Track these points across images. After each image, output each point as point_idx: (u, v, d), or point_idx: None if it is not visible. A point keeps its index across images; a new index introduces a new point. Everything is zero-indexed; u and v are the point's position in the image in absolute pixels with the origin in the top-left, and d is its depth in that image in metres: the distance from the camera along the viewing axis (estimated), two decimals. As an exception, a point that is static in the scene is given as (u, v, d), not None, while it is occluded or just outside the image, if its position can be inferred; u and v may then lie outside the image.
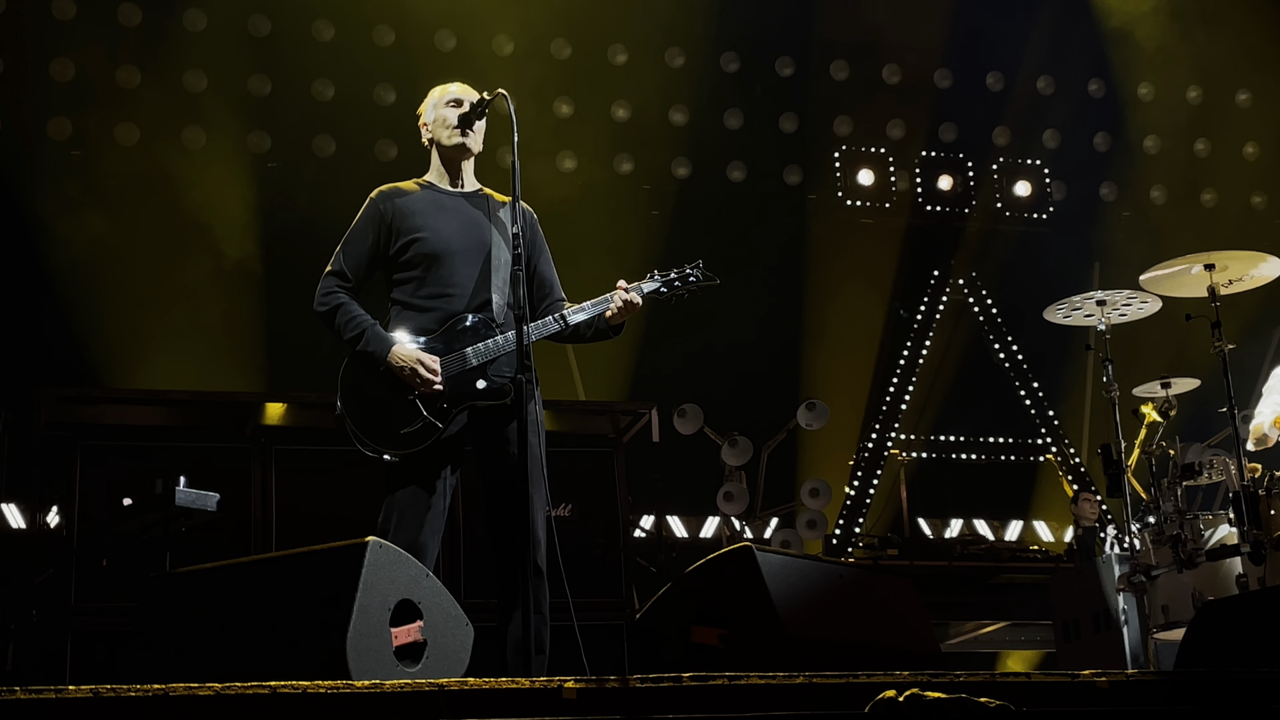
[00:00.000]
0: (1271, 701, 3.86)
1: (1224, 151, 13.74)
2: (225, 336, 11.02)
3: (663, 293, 5.46)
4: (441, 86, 5.54)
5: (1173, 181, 13.80)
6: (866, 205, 13.25)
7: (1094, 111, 13.71)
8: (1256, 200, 13.88)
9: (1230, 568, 7.16)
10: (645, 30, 12.35)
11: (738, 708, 3.40)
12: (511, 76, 11.48)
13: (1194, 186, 13.85)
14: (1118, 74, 13.45)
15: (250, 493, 7.41)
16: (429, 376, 5.09)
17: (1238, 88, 13.56)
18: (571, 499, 7.80)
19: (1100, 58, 13.36)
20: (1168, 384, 8.10)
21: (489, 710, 3.21)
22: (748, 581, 4.66)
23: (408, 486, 5.11)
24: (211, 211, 11.14)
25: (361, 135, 11.75)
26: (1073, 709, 3.64)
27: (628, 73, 12.55)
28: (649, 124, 12.62)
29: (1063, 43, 13.29)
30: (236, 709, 3.04)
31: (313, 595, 4.13)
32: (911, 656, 4.90)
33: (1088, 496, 11.68)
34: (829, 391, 12.14)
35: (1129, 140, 13.71)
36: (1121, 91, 13.55)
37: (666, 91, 12.67)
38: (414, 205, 5.37)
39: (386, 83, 11.75)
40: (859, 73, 13.19)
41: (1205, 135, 13.72)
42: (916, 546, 11.96)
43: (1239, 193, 13.84)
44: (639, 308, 5.37)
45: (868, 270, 13.04)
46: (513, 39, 12.10)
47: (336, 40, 11.76)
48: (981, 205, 13.49)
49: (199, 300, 11.03)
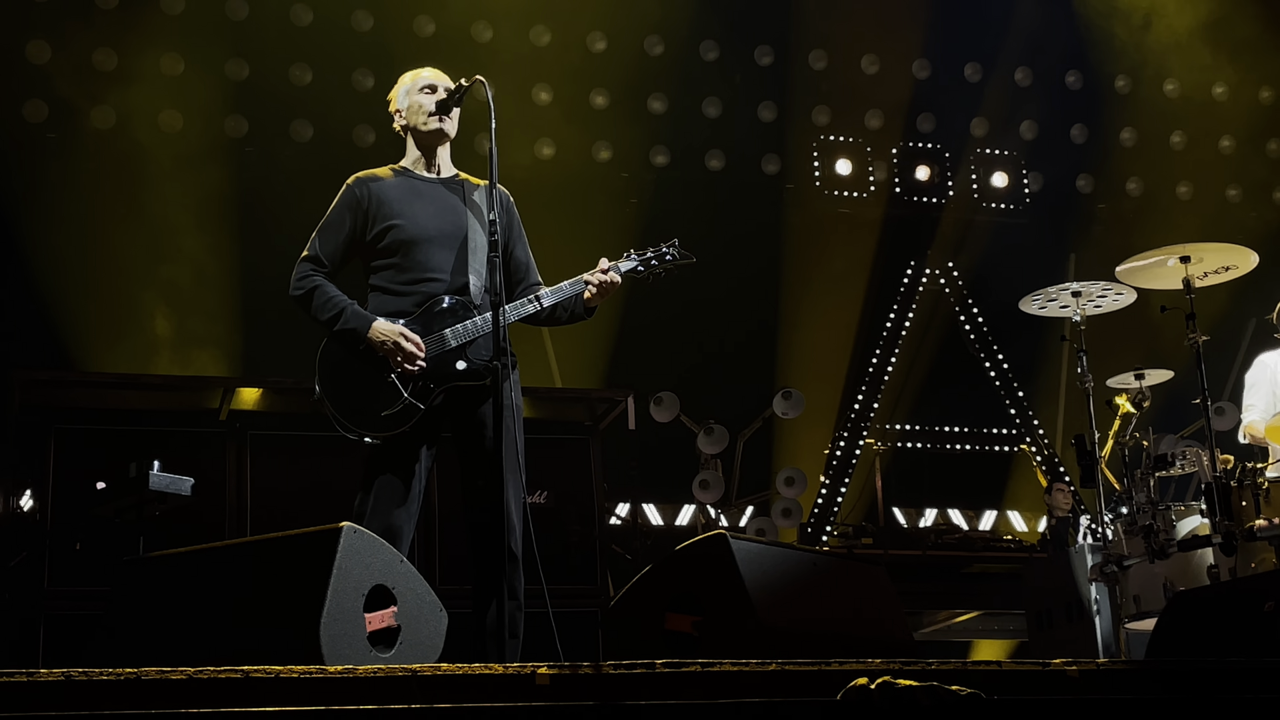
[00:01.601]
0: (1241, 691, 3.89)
1: (1200, 144, 13.79)
2: (201, 320, 10.99)
3: (640, 271, 5.48)
4: (412, 72, 5.53)
5: (1149, 174, 13.85)
6: (844, 195, 13.27)
7: (1071, 103, 13.74)
8: (1232, 193, 13.94)
9: (1202, 558, 7.20)
10: (624, 18, 12.33)
11: (711, 694, 3.40)
12: (490, 63, 11.45)
13: (1170, 179, 13.90)
14: (1095, 66, 13.49)
15: (225, 477, 7.41)
16: (412, 350, 5.08)
17: (1214, 81, 13.60)
18: (547, 486, 7.80)
19: (1078, 50, 13.40)
20: (1142, 375, 8.13)
21: (462, 695, 3.21)
22: (722, 569, 4.67)
23: (384, 470, 5.11)
24: (188, 195, 11.10)
25: (339, 120, 11.72)
26: (1044, 697, 3.65)
27: (607, 60, 12.53)
28: (627, 111, 12.61)
29: (1040, 34, 13.31)
30: (209, 693, 3.04)
31: (286, 580, 4.12)
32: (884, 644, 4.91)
33: (1061, 487, 11.73)
34: (805, 380, 12.16)
35: (1106, 132, 13.75)
36: (1099, 84, 13.59)
37: (645, 79, 12.66)
38: (390, 192, 5.36)
39: (365, 68, 11.72)
40: (837, 62, 13.19)
41: (1181, 128, 13.77)
42: (891, 535, 12.00)
43: (1214, 185, 13.90)
44: (618, 287, 5.39)
45: (845, 259, 13.06)
46: (492, 25, 12.08)
47: (314, 25, 11.71)
48: (958, 196, 13.53)
49: (175, 284, 10.99)
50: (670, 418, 11.40)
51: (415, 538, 5.35)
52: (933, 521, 12.82)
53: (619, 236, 11.68)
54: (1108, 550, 7.57)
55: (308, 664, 3.29)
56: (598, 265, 5.38)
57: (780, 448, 12.37)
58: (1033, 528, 12.82)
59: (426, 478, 5.21)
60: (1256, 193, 13.96)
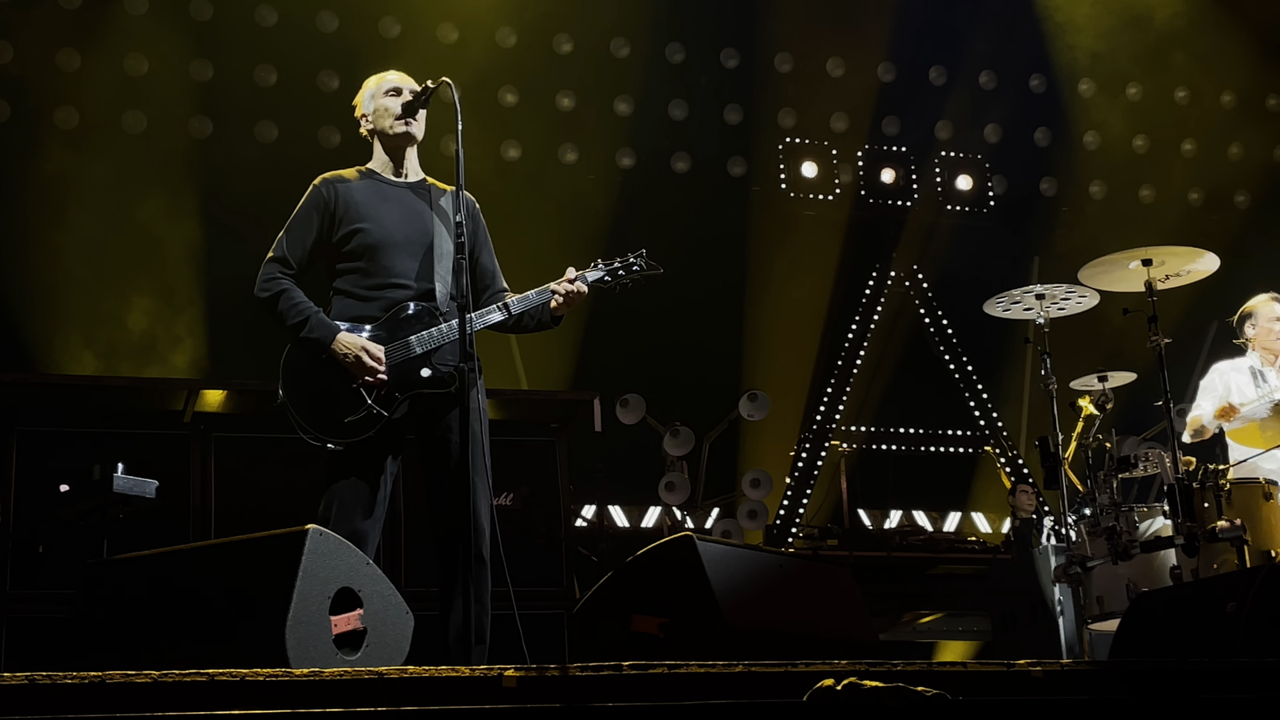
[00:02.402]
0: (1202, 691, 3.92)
1: (1162, 148, 13.89)
2: (165, 322, 10.94)
3: (606, 281, 5.48)
4: (377, 76, 5.53)
5: (1111, 177, 13.94)
6: (809, 197, 13.31)
7: (1035, 107, 13.81)
8: (1194, 196, 14.04)
9: (1164, 559, 7.25)
10: (591, 20, 12.34)
11: (677, 696, 3.41)
12: (456, 64, 11.43)
13: (1133, 182, 13.99)
14: (1058, 70, 13.56)
15: (189, 480, 7.36)
16: (373, 365, 5.07)
17: (1176, 85, 13.70)
18: (513, 488, 7.79)
19: (1041, 53, 13.48)
20: (1104, 378, 8.18)
21: (428, 698, 3.21)
22: (688, 571, 4.68)
23: (349, 475, 5.10)
24: (152, 196, 11.05)
25: (304, 122, 11.68)
26: (1008, 698, 3.67)
27: (573, 62, 12.53)
28: (594, 113, 12.62)
29: (1005, 38, 13.39)
30: (174, 696, 3.03)
31: (252, 583, 4.11)
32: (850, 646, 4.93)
33: (1025, 488, 11.78)
34: (770, 382, 12.19)
35: (1069, 135, 13.83)
36: (1062, 87, 13.67)
37: (611, 81, 12.67)
38: (357, 194, 5.35)
39: (330, 69, 11.69)
40: (803, 65, 13.23)
41: (1144, 131, 13.86)
42: (856, 537, 12.04)
43: (1177, 189, 13.99)
44: (584, 296, 5.39)
45: (810, 262, 13.09)
46: (457, 27, 12.07)
47: (279, 26, 11.68)
48: (923, 198, 13.58)
49: (139, 286, 10.94)
50: (636, 420, 11.41)
51: (381, 540, 5.34)
52: (898, 523, 12.87)
53: (585, 238, 11.72)
54: (1071, 551, 7.61)
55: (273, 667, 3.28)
56: (564, 274, 5.38)
57: (746, 450, 12.40)
58: (997, 529, 12.88)
59: (392, 482, 5.20)
60: (1218, 196, 14.06)
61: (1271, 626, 4.92)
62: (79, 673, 3.02)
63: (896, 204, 13.55)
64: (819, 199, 13.35)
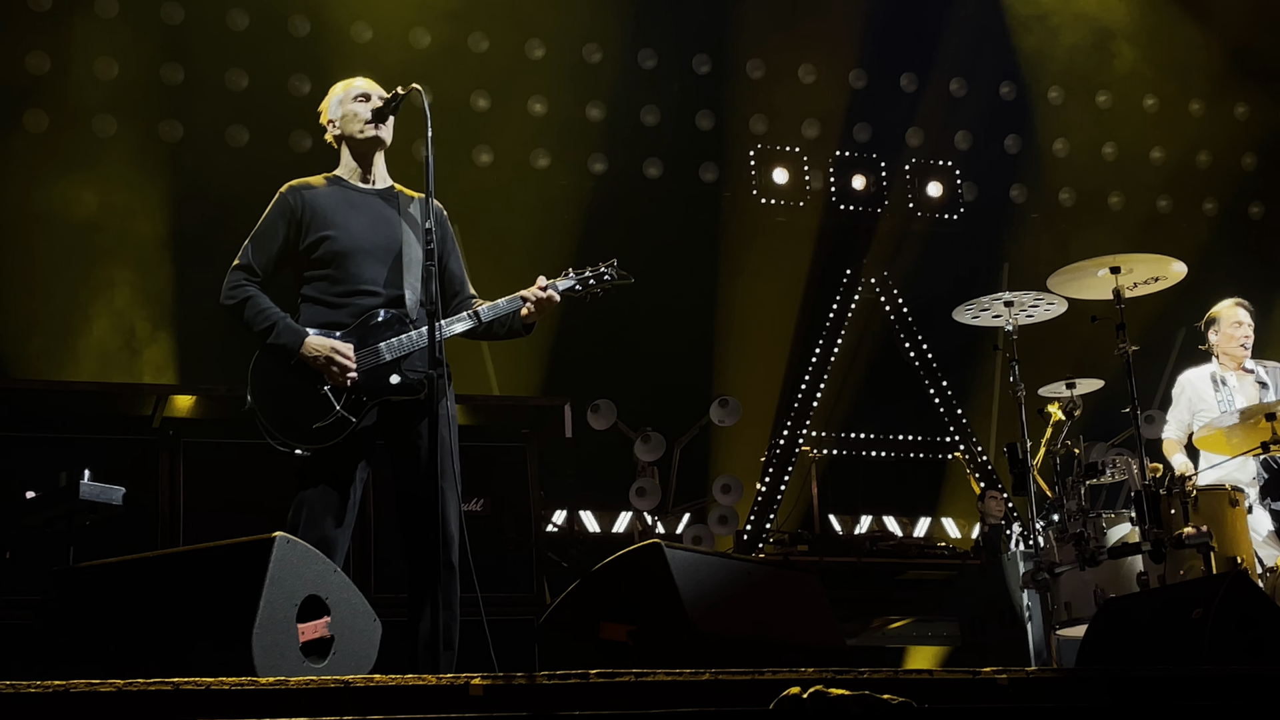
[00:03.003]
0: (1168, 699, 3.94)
1: (1131, 155, 13.96)
2: (134, 327, 10.89)
3: (578, 290, 5.48)
4: (344, 82, 5.52)
5: (1081, 184, 14.00)
6: (781, 203, 13.33)
7: (1005, 114, 13.87)
8: (1162, 204, 14.12)
9: (1131, 565, 7.28)
10: (563, 25, 12.34)
11: (645, 704, 3.41)
12: (428, 70, 11.43)
13: (1102, 189, 14.05)
14: (1028, 77, 13.62)
15: (157, 486, 7.33)
16: (344, 363, 5.07)
17: (1145, 93, 13.77)
18: (483, 494, 7.78)
19: (1011, 61, 13.53)
20: (1073, 384, 8.21)
21: (395, 707, 3.20)
22: (657, 578, 4.68)
23: (318, 482, 5.09)
24: (122, 201, 11.00)
25: (276, 126, 11.64)
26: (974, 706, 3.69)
27: (545, 67, 12.53)
28: (566, 119, 12.62)
29: (975, 45, 13.44)
30: (138, 706, 3.02)
31: (219, 590, 4.10)
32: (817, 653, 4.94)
33: (994, 494, 11.82)
34: (741, 388, 12.20)
35: (1039, 143, 13.89)
36: (1032, 95, 13.73)
37: (584, 87, 12.67)
38: (324, 202, 5.33)
39: (302, 73, 11.65)
40: (775, 72, 13.25)
41: (1113, 139, 13.92)
42: (826, 542, 12.05)
43: (1145, 196, 14.07)
44: (556, 305, 5.40)
45: (781, 268, 13.11)
46: (430, 32, 12.05)
47: (251, 30, 11.64)
48: (894, 205, 13.62)
49: (108, 290, 10.89)
50: (607, 425, 11.41)
51: (351, 547, 5.32)
52: (868, 528, 12.89)
53: (557, 244, 11.71)
54: (1039, 557, 7.64)
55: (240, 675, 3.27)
56: (535, 282, 5.38)
57: (717, 455, 12.41)
58: (966, 535, 12.92)
59: (361, 489, 5.20)
60: (1186, 204, 14.15)
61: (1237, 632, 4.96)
62: (43, 681, 3.01)
63: (867, 210, 13.58)
64: (790, 205, 13.36)
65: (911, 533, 12.95)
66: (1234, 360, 8.29)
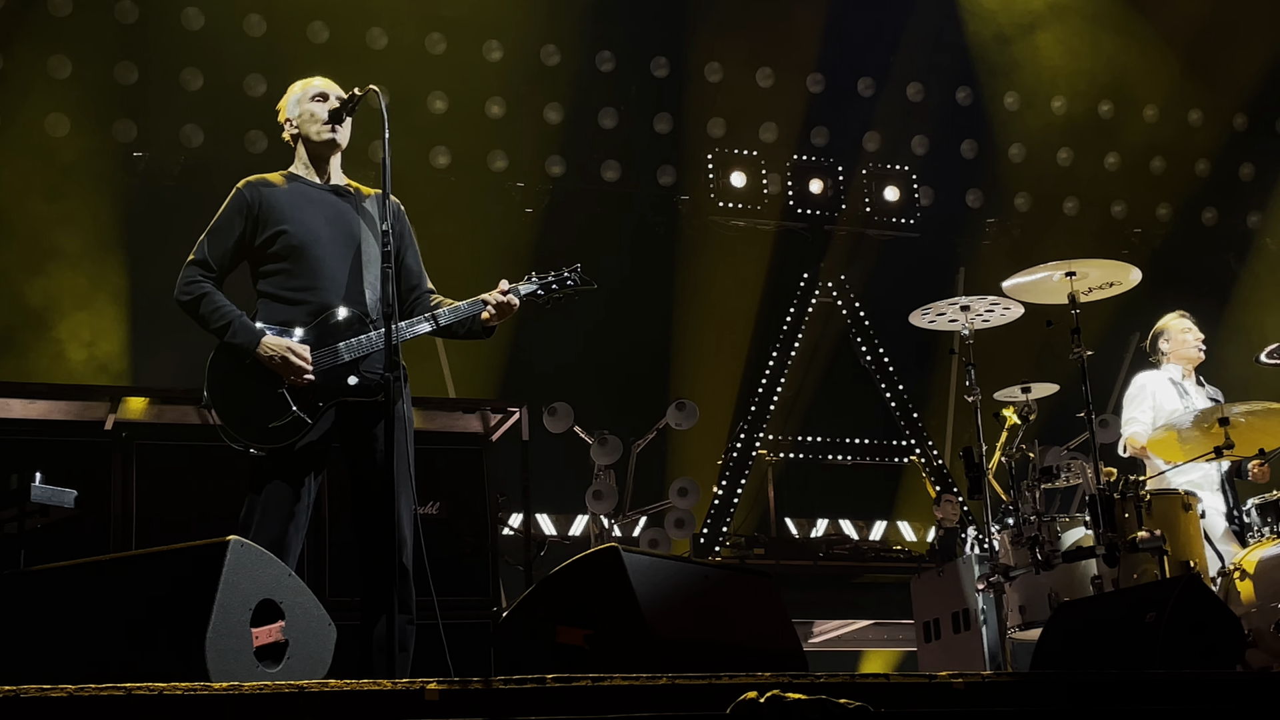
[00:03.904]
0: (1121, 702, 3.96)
1: (1086, 161, 14.05)
2: (87, 327, 10.80)
3: (539, 295, 5.48)
4: (302, 81, 5.50)
5: (1036, 190, 14.08)
6: (738, 207, 13.34)
7: (961, 119, 13.93)
8: (1117, 209, 14.21)
9: (1085, 569, 7.32)
10: (521, 27, 12.32)
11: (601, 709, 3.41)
12: (385, 70, 11.39)
13: (1057, 195, 14.13)
14: (985, 83, 13.69)
15: (110, 489, 7.25)
16: (300, 364, 5.04)
17: (1100, 99, 13.87)
18: (440, 497, 7.74)
19: (968, 66, 13.60)
20: (1028, 389, 8.25)
21: (350, 712, 3.19)
22: (613, 582, 4.67)
23: (272, 483, 5.06)
24: (75, 199, 10.91)
25: (231, 126, 11.57)
26: (930, 710, 3.70)
27: (503, 69, 12.51)
28: (523, 121, 12.60)
29: (932, 51, 13.50)
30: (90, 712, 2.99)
31: (172, 594, 4.06)
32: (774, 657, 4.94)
33: (949, 498, 11.87)
34: (698, 391, 12.20)
35: (995, 148, 13.96)
36: (988, 100, 13.79)
37: (541, 89, 12.65)
38: (281, 197, 5.31)
39: (258, 73, 11.58)
40: (733, 75, 13.27)
41: (1069, 145, 14.01)
42: (783, 546, 12.07)
43: (1100, 202, 14.16)
44: (516, 309, 5.39)
45: (738, 271, 13.13)
46: (387, 33, 12.01)
47: (206, 29, 11.57)
48: (851, 209, 13.65)
49: (60, 291, 10.79)
50: (564, 428, 11.38)
51: (306, 550, 5.29)
52: (824, 532, 12.92)
53: (513, 246, 11.71)
54: (994, 561, 7.67)
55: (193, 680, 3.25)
56: (498, 286, 5.37)
57: (674, 458, 12.40)
58: (922, 538, 12.96)
59: (316, 491, 5.17)
60: (1141, 209, 14.24)
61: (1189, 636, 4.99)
62: (-8, 687, 2.97)
63: (824, 214, 13.61)
64: (747, 209, 13.38)
65: (867, 536, 12.99)
66: (1190, 365, 8.38)
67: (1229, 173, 14.27)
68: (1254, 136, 14.20)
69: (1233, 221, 14.35)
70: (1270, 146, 14.22)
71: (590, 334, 12.05)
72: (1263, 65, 13.50)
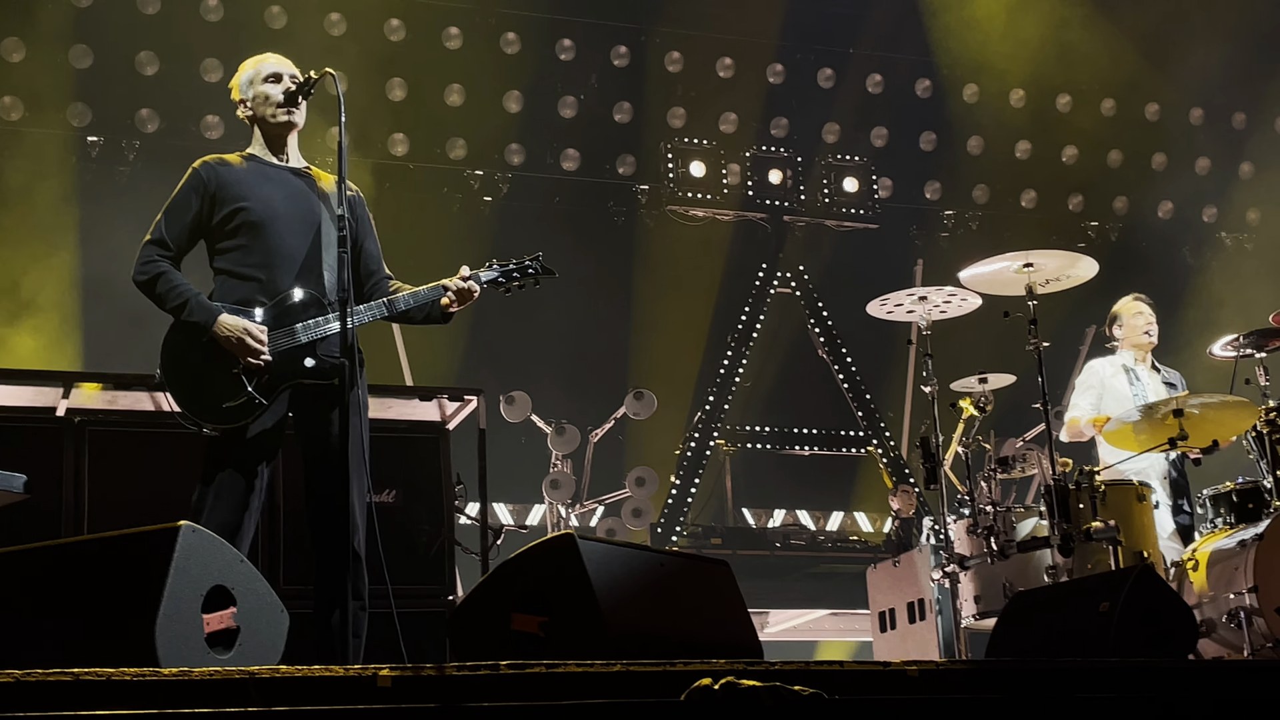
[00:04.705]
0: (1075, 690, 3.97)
1: (1044, 154, 14.12)
2: (39, 312, 10.70)
3: (501, 283, 5.47)
4: (253, 60, 5.44)
5: (994, 182, 14.14)
6: (697, 197, 13.35)
7: (921, 111, 13.97)
8: (1074, 202, 14.30)
9: (1040, 559, 7.35)
10: (480, 15, 12.29)
11: (555, 696, 3.39)
12: (344, 56, 11.33)
13: (1015, 187, 14.20)
14: (944, 75, 13.74)
15: (61, 474, 7.17)
16: (256, 346, 5.00)
17: (1058, 92, 13.93)
18: (396, 485, 7.69)
19: (928, 59, 13.64)
20: (985, 380, 8.28)
21: (301, 698, 3.15)
22: (569, 570, 4.65)
23: (225, 466, 5.02)
24: (28, 184, 10.81)
25: (187, 111, 11.50)
26: (884, 697, 3.70)
27: (462, 57, 12.47)
28: (482, 109, 12.56)
29: (893, 43, 13.53)
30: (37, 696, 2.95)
31: (122, 580, 4.02)
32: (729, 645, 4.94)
33: (906, 488, 11.91)
34: (657, 381, 12.21)
35: (954, 140, 14.01)
36: (948, 92, 13.84)
37: (501, 77, 12.62)
38: (238, 175, 5.27)
39: (214, 58, 11.50)
40: (693, 65, 13.27)
41: (1027, 138, 14.07)
42: (740, 535, 12.09)
43: (1058, 195, 14.24)
44: (477, 296, 5.36)
45: (697, 261, 13.13)
46: (345, 18, 11.95)
47: (162, 13, 11.49)
48: (810, 200, 13.68)
49: (12, 275, 10.70)
50: (522, 417, 11.37)
51: (259, 536, 5.25)
52: (781, 522, 12.95)
53: (472, 234, 11.67)
54: (950, 551, 7.70)
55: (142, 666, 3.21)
56: (459, 272, 5.34)
57: (631, 448, 12.41)
58: (878, 528, 13.01)
59: (270, 475, 5.13)
60: (1098, 202, 14.33)
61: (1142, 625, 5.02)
62: (-63, 672, 2.93)
63: (783, 205, 13.63)
64: (707, 199, 13.39)
65: (824, 526, 13.03)
66: (1141, 351, 8.42)
67: (1185, 167, 14.37)
68: (1210, 131, 14.31)
69: (1189, 215, 14.45)
70: (1226, 141, 14.33)
71: (548, 323, 12.03)
72: (1219, 60, 13.59)
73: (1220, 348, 7.92)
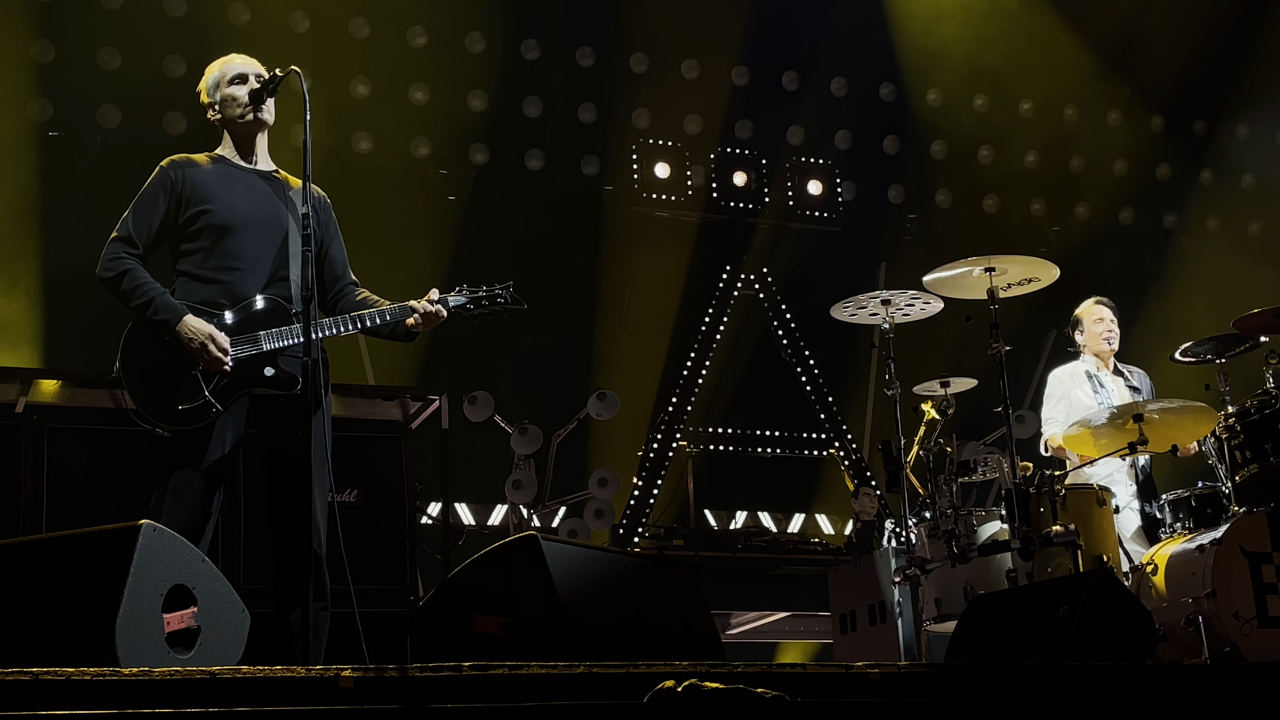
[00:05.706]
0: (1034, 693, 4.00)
1: (1006, 159, 14.18)
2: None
3: (469, 309, 5.49)
4: (219, 61, 5.43)
5: (957, 186, 14.19)
6: (662, 198, 13.35)
7: (884, 115, 14.02)
8: (1036, 207, 14.36)
9: (1001, 563, 7.39)
10: (446, 13, 12.25)
11: (517, 697, 3.39)
12: (308, 54, 11.27)
13: (977, 192, 14.26)
14: (908, 79, 13.78)
15: (20, 473, 7.12)
16: (218, 355, 4.98)
17: (1021, 98, 14.00)
18: (358, 485, 7.67)
19: (892, 62, 13.68)
20: (947, 383, 8.31)
21: (262, 699, 3.15)
22: (532, 570, 4.65)
23: (184, 466, 4.99)
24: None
25: (149, 107, 11.41)
26: (846, 699, 3.71)
27: (427, 55, 12.43)
28: (447, 108, 12.53)
29: (857, 46, 13.56)
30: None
31: (82, 579, 4.00)
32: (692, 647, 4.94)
33: (867, 491, 11.93)
34: (620, 382, 12.19)
35: (917, 144, 14.05)
36: (911, 96, 13.89)
37: (466, 76, 12.59)
38: (205, 177, 5.25)
39: (177, 54, 11.43)
40: (658, 66, 13.27)
41: (989, 142, 14.13)
42: (701, 537, 12.10)
43: (1020, 199, 14.30)
44: (442, 320, 5.37)
45: (661, 263, 13.13)
46: (309, 16, 11.89)
47: (125, 8, 11.41)
48: (774, 203, 13.70)
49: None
50: (484, 417, 11.33)
51: (219, 536, 5.23)
52: (743, 524, 12.96)
53: (436, 234, 11.64)
54: (911, 554, 7.72)
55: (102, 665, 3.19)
56: (427, 294, 5.34)
57: (594, 449, 12.39)
58: (840, 531, 13.04)
59: (230, 475, 5.11)
60: (1059, 207, 14.41)
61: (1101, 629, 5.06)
62: (-106, 672, 2.91)
63: (747, 207, 13.64)
64: (671, 200, 13.40)
65: (786, 528, 13.04)
66: (1102, 357, 8.48)
67: (1146, 173, 14.46)
68: (1171, 138, 14.41)
69: (1149, 221, 14.54)
70: (1186, 148, 14.44)
71: (512, 322, 11.96)
72: (1180, 68, 13.69)
73: (1181, 353, 7.98)
